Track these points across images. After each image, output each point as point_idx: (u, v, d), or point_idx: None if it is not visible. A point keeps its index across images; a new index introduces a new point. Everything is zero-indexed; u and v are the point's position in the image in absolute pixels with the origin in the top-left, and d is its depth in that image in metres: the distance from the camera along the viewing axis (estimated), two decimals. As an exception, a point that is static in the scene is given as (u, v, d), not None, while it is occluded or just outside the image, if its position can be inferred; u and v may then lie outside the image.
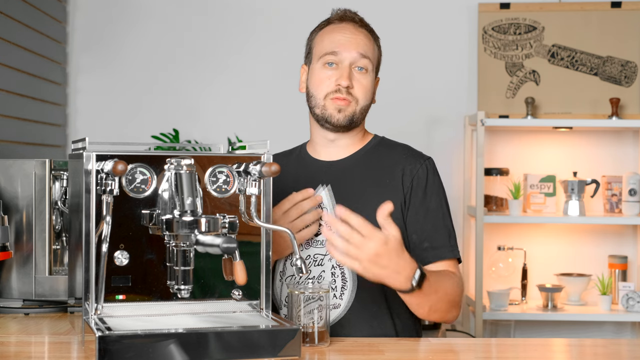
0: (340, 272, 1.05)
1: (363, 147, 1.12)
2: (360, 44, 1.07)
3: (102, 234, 0.84)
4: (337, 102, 1.06)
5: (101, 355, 0.76)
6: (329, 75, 1.06)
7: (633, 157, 2.05)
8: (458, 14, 2.07)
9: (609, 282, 1.95)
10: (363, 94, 1.07)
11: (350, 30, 1.08)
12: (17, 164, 1.14)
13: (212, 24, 2.10)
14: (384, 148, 1.12)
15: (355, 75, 1.07)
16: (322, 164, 1.10)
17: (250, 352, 0.80)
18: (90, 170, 0.85)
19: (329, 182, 1.08)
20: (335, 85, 1.06)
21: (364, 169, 1.09)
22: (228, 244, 0.81)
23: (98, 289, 0.84)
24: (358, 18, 1.11)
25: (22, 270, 1.14)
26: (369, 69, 1.08)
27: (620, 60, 2.01)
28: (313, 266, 1.05)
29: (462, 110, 2.08)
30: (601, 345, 1.04)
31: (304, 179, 1.08)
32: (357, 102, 1.07)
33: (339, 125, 1.07)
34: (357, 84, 1.07)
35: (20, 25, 1.78)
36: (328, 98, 1.07)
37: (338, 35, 1.08)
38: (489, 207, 2.01)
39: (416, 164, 1.08)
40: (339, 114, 1.06)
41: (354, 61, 1.06)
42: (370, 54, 1.08)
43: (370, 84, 1.09)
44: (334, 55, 1.07)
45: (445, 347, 0.99)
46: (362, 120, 1.10)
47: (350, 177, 1.08)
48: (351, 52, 1.06)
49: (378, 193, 1.05)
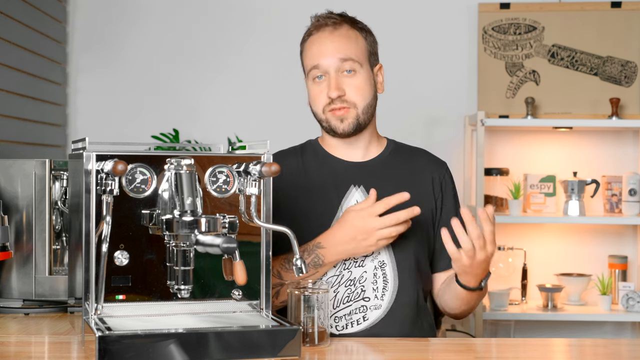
0: (382, 273, 1.05)
1: (385, 149, 1.13)
2: (340, 48, 1.06)
3: (102, 234, 0.84)
4: (336, 113, 1.06)
5: (101, 355, 0.76)
6: (320, 89, 1.07)
7: (633, 157, 2.05)
8: (458, 14, 2.07)
9: (609, 282, 1.95)
10: (358, 95, 1.06)
11: (328, 38, 1.07)
12: (17, 164, 1.14)
13: (212, 24, 2.10)
14: (404, 151, 1.14)
15: (344, 80, 1.06)
16: (350, 164, 1.10)
17: (250, 352, 0.80)
18: (90, 170, 0.85)
19: (361, 183, 1.08)
20: (327, 98, 1.06)
21: (393, 171, 1.10)
22: (228, 244, 0.81)
23: (98, 289, 0.84)
24: (332, 20, 1.08)
25: (22, 270, 1.14)
26: (357, 67, 1.06)
27: (620, 60, 2.01)
28: (354, 267, 1.05)
29: (462, 110, 2.08)
30: (601, 345, 1.04)
31: (332, 177, 1.08)
32: (356, 106, 1.06)
33: (345, 133, 1.07)
34: (349, 87, 1.06)
35: (21, 25, 1.78)
36: (327, 111, 1.07)
37: (317, 47, 1.07)
38: (489, 207, 2.01)
39: (441, 171, 1.12)
40: (342, 123, 1.06)
41: (338, 68, 1.06)
42: (353, 53, 1.06)
43: (364, 82, 1.07)
44: (317, 69, 1.07)
45: (446, 347, 0.99)
46: (369, 118, 1.09)
47: (382, 179, 1.09)
48: (331, 60, 1.06)
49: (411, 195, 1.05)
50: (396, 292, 1.05)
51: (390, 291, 1.04)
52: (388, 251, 1.05)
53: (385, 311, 1.04)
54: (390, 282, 1.05)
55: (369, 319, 1.04)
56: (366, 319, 1.04)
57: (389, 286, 1.04)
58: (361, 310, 1.05)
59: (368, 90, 1.08)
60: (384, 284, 1.04)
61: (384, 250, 1.05)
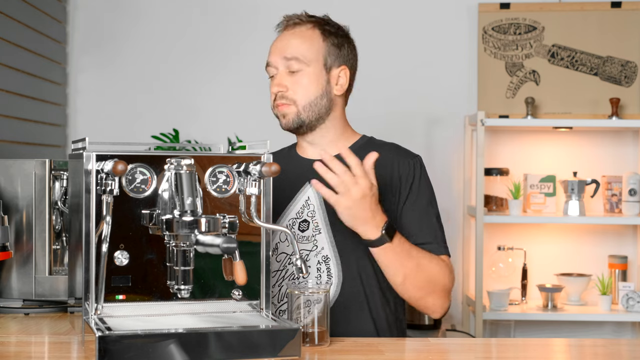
0: (326, 267, 1.06)
1: (351, 146, 1.12)
2: (288, 47, 1.08)
3: (102, 234, 0.84)
4: (278, 108, 1.09)
5: (101, 355, 0.76)
6: (271, 86, 1.10)
7: (633, 157, 2.05)
8: (458, 14, 2.07)
9: (609, 282, 1.95)
10: (301, 92, 1.07)
11: (282, 37, 1.10)
12: (17, 164, 1.14)
13: (212, 24, 2.10)
14: (371, 147, 1.12)
15: (287, 78, 1.08)
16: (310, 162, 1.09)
17: (250, 352, 0.80)
18: (90, 170, 0.85)
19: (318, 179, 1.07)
20: (273, 94, 1.09)
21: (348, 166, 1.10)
22: (228, 244, 0.81)
23: (98, 289, 0.84)
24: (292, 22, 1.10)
25: (22, 270, 1.14)
26: (303, 67, 1.07)
27: (620, 60, 2.01)
28: None
29: (462, 110, 2.08)
30: (601, 345, 1.04)
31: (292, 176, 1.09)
32: (296, 102, 1.07)
33: (288, 128, 1.10)
34: (294, 84, 1.07)
35: (21, 25, 1.78)
36: (275, 107, 1.10)
37: (272, 45, 1.10)
38: (489, 207, 2.01)
39: (405, 163, 1.10)
40: (283, 119, 1.09)
41: (285, 65, 1.08)
42: (300, 52, 1.07)
43: (308, 81, 1.07)
44: (269, 66, 1.10)
45: (445, 347, 0.99)
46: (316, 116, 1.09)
47: None
48: (277, 58, 1.08)
49: None
50: (340, 286, 1.05)
51: (335, 285, 1.05)
52: (331, 246, 1.05)
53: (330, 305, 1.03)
54: (334, 276, 1.05)
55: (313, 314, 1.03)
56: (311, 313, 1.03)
57: (332, 280, 1.05)
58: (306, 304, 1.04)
59: (313, 89, 1.08)
60: (328, 278, 1.05)
61: (327, 245, 1.05)
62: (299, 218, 1.07)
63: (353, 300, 1.05)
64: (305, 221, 1.07)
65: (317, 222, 1.06)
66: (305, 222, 1.07)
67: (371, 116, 2.03)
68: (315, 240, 1.06)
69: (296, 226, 1.07)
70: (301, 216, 1.08)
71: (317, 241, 1.06)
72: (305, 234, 1.06)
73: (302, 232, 1.06)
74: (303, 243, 1.06)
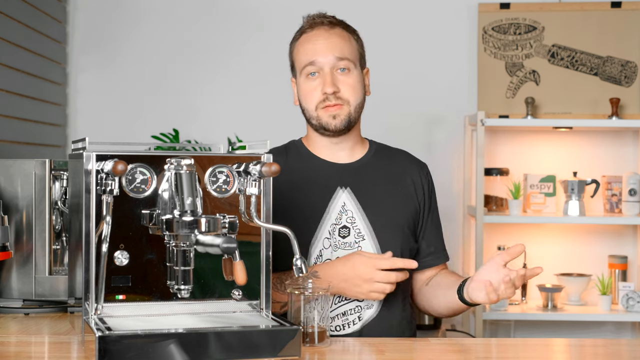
0: None
1: (369, 151, 1.14)
2: (336, 47, 1.08)
3: (102, 234, 0.84)
4: (329, 109, 1.08)
5: (101, 355, 0.76)
6: (314, 85, 1.08)
7: (633, 157, 2.05)
8: (458, 14, 2.07)
9: (609, 282, 1.95)
10: (352, 93, 1.08)
11: (323, 36, 1.09)
12: (17, 164, 1.14)
13: (212, 24, 2.10)
14: (386, 153, 1.16)
15: (339, 78, 1.08)
16: (336, 165, 1.11)
17: (250, 352, 0.80)
18: (90, 170, 0.85)
19: (347, 185, 1.09)
20: (322, 95, 1.08)
21: (379, 173, 1.12)
22: (228, 244, 0.81)
23: (98, 289, 0.84)
24: (328, 20, 1.11)
25: (22, 270, 1.14)
26: (351, 67, 1.09)
27: (620, 60, 2.02)
28: None
29: (462, 110, 2.08)
30: (601, 345, 1.04)
31: (317, 178, 1.09)
32: (349, 103, 1.08)
33: (337, 130, 1.09)
34: (343, 85, 1.08)
35: (21, 25, 1.78)
36: (319, 108, 1.08)
37: (312, 44, 1.09)
38: (489, 207, 2.01)
39: (422, 173, 1.15)
40: (334, 120, 1.08)
41: (333, 65, 1.08)
42: (348, 53, 1.09)
43: (357, 81, 1.09)
44: (312, 65, 1.08)
45: (445, 347, 0.99)
46: (358, 118, 1.11)
47: (367, 180, 1.10)
48: (328, 57, 1.07)
49: (393, 197, 1.10)
50: None
51: None
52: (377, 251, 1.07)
53: (377, 310, 1.06)
54: None
55: (364, 318, 1.06)
56: (361, 319, 1.06)
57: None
58: (356, 310, 1.06)
59: (360, 89, 1.10)
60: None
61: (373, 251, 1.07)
62: (338, 224, 1.08)
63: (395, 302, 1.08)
64: (345, 227, 1.07)
65: (358, 228, 1.07)
66: (346, 229, 1.07)
67: (372, 116, 2.02)
68: (359, 247, 1.07)
69: (336, 232, 1.07)
70: (340, 222, 1.08)
71: (362, 247, 1.07)
72: (347, 240, 1.07)
73: (343, 239, 1.07)
74: (346, 249, 1.07)
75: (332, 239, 1.07)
